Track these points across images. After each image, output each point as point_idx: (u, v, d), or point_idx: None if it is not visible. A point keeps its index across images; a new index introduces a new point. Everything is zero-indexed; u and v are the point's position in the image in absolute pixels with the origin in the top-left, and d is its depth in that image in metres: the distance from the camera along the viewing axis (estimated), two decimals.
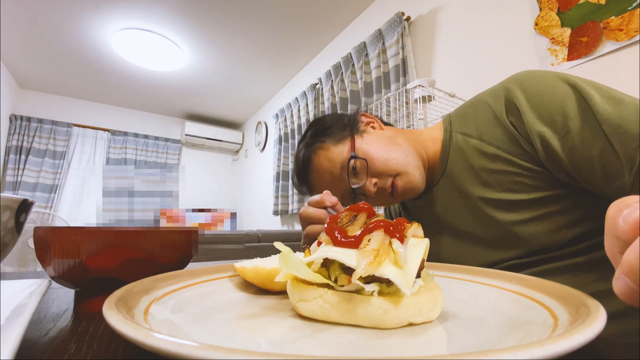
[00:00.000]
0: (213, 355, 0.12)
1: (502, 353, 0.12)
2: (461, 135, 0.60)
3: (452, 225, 0.61)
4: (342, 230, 0.25)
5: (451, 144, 0.61)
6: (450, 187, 0.61)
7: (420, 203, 0.69)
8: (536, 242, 0.50)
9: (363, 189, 0.60)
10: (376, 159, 0.59)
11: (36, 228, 0.33)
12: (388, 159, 0.59)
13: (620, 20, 1.10)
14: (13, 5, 2.28)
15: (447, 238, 0.63)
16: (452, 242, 0.62)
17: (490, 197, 0.54)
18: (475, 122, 0.57)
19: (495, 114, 0.54)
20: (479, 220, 0.56)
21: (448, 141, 0.62)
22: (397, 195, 0.60)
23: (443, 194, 0.63)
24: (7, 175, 3.43)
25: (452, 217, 0.61)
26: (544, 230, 0.49)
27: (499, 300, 0.26)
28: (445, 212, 0.63)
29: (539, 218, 0.50)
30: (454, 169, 0.60)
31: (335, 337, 0.21)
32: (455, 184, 0.60)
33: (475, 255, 0.58)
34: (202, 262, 0.55)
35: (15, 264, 1.60)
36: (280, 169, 3.24)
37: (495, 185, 0.54)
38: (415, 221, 0.27)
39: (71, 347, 0.20)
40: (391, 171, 0.59)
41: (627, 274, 0.16)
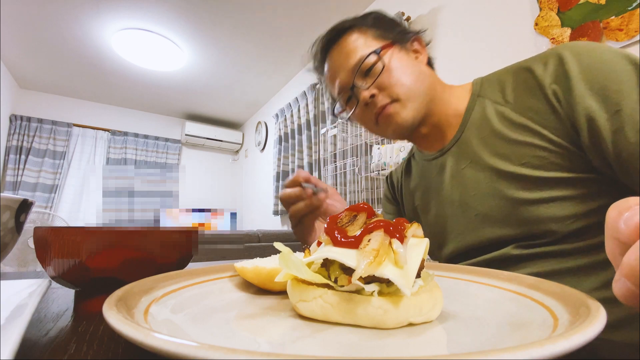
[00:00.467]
0: (213, 355, 0.12)
1: (502, 353, 0.12)
2: (490, 101, 0.56)
3: (455, 195, 0.59)
4: (342, 231, 0.25)
5: (474, 110, 0.58)
6: (461, 155, 0.58)
7: (426, 168, 0.67)
8: (541, 225, 0.48)
9: (359, 92, 0.59)
10: (392, 75, 0.57)
11: (36, 228, 0.33)
12: (401, 83, 0.57)
13: (620, 20, 1.10)
14: (13, 5, 2.28)
15: (447, 208, 0.61)
16: (450, 212, 0.60)
17: (504, 169, 0.51)
18: (511, 90, 0.53)
19: (538, 82, 0.49)
20: (485, 192, 0.53)
21: (472, 106, 0.58)
22: (381, 120, 0.59)
23: (452, 161, 0.60)
24: (7, 175, 3.43)
25: (457, 187, 0.58)
26: (553, 214, 0.46)
27: (499, 300, 0.26)
28: (450, 180, 0.60)
29: (552, 200, 0.47)
30: (470, 136, 0.57)
31: (335, 337, 0.21)
32: (468, 152, 0.57)
33: (473, 229, 0.56)
34: (202, 262, 0.55)
35: (15, 264, 1.60)
36: (280, 169, 3.24)
37: (513, 158, 0.50)
38: (414, 224, 0.27)
39: (71, 347, 0.20)
40: (394, 94, 0.57)
41: (627, 276, 0.16)
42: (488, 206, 0.53)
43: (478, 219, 0.55)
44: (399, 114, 0.58)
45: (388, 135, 0.63)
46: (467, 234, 0.57)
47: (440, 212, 0.62)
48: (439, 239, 0.63)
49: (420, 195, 0.69)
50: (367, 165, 1.97)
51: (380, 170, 1.80)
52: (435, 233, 0.64)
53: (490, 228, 0.53)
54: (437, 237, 0.63)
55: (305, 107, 2.95)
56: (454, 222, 0.59)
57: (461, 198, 0.57)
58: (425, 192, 0.67)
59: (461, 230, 0.58)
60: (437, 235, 0.63)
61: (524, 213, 0.48)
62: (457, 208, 0.58)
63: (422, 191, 0.68)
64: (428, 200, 0.66)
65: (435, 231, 0.64)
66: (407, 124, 0.59)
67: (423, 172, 0.68)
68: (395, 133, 0.61)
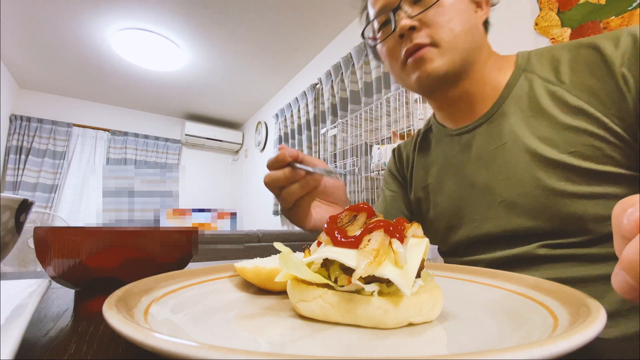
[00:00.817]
0: (213, 355, 0.12)
1: (502, 353, 0.12)
2: (538, 78, 0.49)
3: (479, 177, 0.53)
4: (342, 231, 0.25)
5: (517, 85, 0.51)
6: (494, 133, 0.52)
7: (446, 144, 0.60)
8: (577, 222, 0.43)
9: (399, 19, 0.51)
10: (444, 14, 0.50)
11: (36, 228, 0.33)
12: (450, 27, 0.50)
13: (620, 20, 1.10)
14: (13, 5, 2.28)
15: (466, 190, 0.55)
16: (469, 195, 0.54)
17: (546, 156, 0.45)
18: (567, 68, 0.47)
19: (605, 61, 0.43)
20: (517, 178, 0.48)
21: (515, 80, 0.52)
22: (411, 62, 0.51)
23: (482, 140, 0.53)
24: (7, 175, 3.43)
25: (483, 168, 0.52)
26: (595, 212, 0.42)
27: (499, 300, 0.26)
28: (476, 160, 0.54)
29: (597, 197, 0.42)
30: (509, 113, 0.51)
31: (335, 337, 0.21)
32: (504, 131, 0.50)
33: (495, 216, 0.50)
34: (202, 262, 0.55)
35: (15, 264, 1.60)
36: None
37: (561, 144, 0.44)
38: (414, 224, 0.27)
39: (71, 347, 0.20)
40: (437, 36, 0.50)
41: (625, 269, 0.16)
42: (518, 193, 0.48)
43: (502, 207, 0.49)
44: (434, 61, 0.50)
45: (410, 84, 0.54)
46: (485, 221, 0.52)
47: (456, 193, 0.56)
48: (450, 222, 0.58)
49: (435, 172, 0.62)
50: (367, 165, 1.97)
51: (380, 170, 1.80)
52: (447, 215, 0.58)
53: (516, 218, 0.48)
54: (448, 219, 0.58)
55: (305, 107, 2.95)
56: (472, 206, 0.54)
57: (486, 181, 0.52)
58: (441, 170, 0.60)
59: (479, 216, 0.52)
60: (448, 218, 0.58)
61: (560, 207, 0.44)
62: (478, 191, 0.53)
63: (439, 168, 0.61)
64: (444, 179, 0.59)
65: (446, 213, 0.58)
66: (438, 76, 0.51)
67: (442, 148, 0.61)
68: (420, 83, 0.53)
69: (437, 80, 0.51)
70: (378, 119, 1.89)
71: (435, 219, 0.61)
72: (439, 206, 0.60)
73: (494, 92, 0.53)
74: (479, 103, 0.55)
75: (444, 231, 0.59)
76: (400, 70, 0.54)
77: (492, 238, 0.51)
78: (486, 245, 0.52)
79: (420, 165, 0.66)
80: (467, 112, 0.56)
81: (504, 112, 0.52)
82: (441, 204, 0.59)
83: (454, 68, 0.51)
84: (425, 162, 0.65)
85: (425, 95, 0.59)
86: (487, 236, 0.52)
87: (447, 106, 0.58)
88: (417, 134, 0.71)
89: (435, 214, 0.61)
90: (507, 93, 0.52)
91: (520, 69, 0.52)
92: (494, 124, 0.52)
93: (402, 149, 0.74)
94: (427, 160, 0.65)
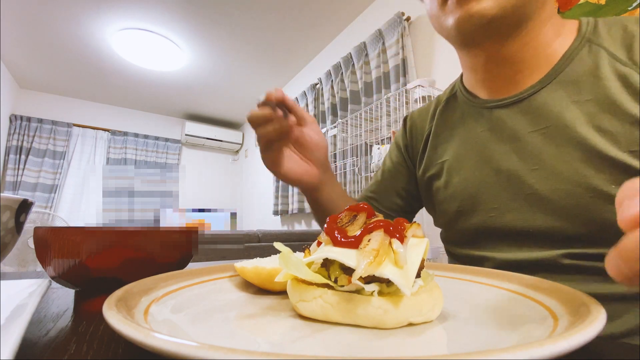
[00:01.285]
0: (213, 355, 0.12)
1: (502, 353, 0.12)
2: (606, 53, 0.40)
3: (506, 163, 0.45)
4: (342, 230, 0.25)
5: (578, 57, 0.42)
6: (536, 113, 0.44)
7: (471, 116, 0.51)
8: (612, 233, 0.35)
9: None
10: None
11: (36, 228, 0.33)
12: None
13: None
14: (13, 5, 2.28)
15: (488, 174, 0.47)
16: (491, 181, 0.47)
17: (602, 151, 0.38)
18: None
19: None
20: (555, 171, 0.41)
21: (575, 51, 0.43)
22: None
23: (518, 119, 0.45)
24: (7, 175, 3.43)
25: (514, 153, 0.45)
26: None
27: (499, 300, 0.26)
28: (507, 142, 0.46)
29: None
30: (560, 91, 0.42)
31: (335, 337, 0.21)
32: (550, 112, 0.42)
33: (518, 209, 0.44)
34: (202, 262, 0.55)
35: (15, 264, 1.60)
36: None
37: (622, 140, 0.37)
38: (414, 224, 0.27)
39: (71, 347, 0.20)
40: None
41: (620, 257, 0.16)
42: (552, 188, 0.41)
43: (529, 200, 0.43)
44: (482, 0, 0.40)
45: (447, 28, 0.45)
46: (505, 212, 0.45)
47: (476, 176, 0.49)
48: (462, 206, 0.51)
49: (455, 148, 0.53)
50: (367, 165, 1.97)
51: None
52: (460, 198, 0.51)
53: (543, 215, 0.42)
54: (460, 203, 0.51)
55: (306, 107, 2.95)
56: (492, 193, 0.47)
57: (515, 168, 0.44)
58: (463, 146, 0.52)
59: (499, 206, 0.46)
60: (460, 202, 0.51)
61: (602, 212, 0.37)
62: (503, 178, 0.46)
63: (460, 145, 0.52)
64: (464, 158, 0.51)
65: (460, 196, 0.51)
66: (483, 19, 0.41)
67: (467, 122, 0.52)
68: (459, 27, 0.43)
69: (481, 27, 0.41)
70: (378, 119, 1.89)
71: (446, 201, 0.54)
72: (452, 187, 0.52)
73: (547, 62, 0.44)
74: (525, 72, 0.45)
75: (453, 215, 0.52)
76: (439, 9, 0.45)
77: (509, 233, 0.45)
78: (499, 240, 0.46)
79: (438, 138, 0.57)
80: (507, 81, 0.47)
81: (554, 89, 0.43)
82: (456, 185, 0.52)
83: (506, 14, 0.41)
84: (444, 135, 0.56)
85: (462, 47, 0.49)
86: (503, 230, 0.46)
87: (484, 68, 0.48)
88: (437, 102, 0.61)
89: (446, 195, 0.53)
90: (564, 65, 0.43)
91: (584, 38, 0.43)
92: (537, 101, 0.44)
93: (415, 119, 0.64)
94: (447, 133, 0.55)
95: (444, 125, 0.57)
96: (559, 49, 0.44)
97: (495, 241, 0.47)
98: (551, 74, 0.44)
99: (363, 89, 2.19)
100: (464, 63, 0.52)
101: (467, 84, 0.54)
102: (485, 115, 0.49)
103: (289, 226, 3.26)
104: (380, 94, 2.00)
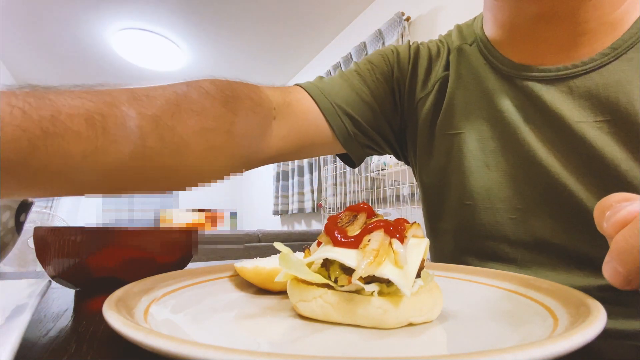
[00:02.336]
0: (213, 355, 0.12)
1: (502, 353, 0.12)
2: None
3: (544, 158, 0.35)
4: (342, 230, 0.25)
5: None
6: (594, 99, 0.33)
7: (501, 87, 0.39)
8: None
9: None
10: None
11: (36, 228, 0.33)
12: None
13: None
14: (13, 5, 2.28)
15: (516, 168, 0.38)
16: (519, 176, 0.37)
17: None
18: None
19: None
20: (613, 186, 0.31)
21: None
22: None
23: (568, 104, 0.34)
24: None
25: (555, 148, 0.35)
26: None
27: (499, 300, 0.26)
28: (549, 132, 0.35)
29: None
30: (630, 72, 0.32)
31: (335, 337, 0.21)
32: (615, 100, 0.32)
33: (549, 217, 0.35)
34: (202, 262, 0.55)
35: (15, 264, 1.60)
36: (280, 169, 3.24)
37: None
38: (414, 224, 0.27)
39: (71, 347, 0.20)
40: None
41: (613, 257, 0.16)
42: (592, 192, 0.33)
43: (567, 210, 0.35)
44: None
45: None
46: (532, 217, 0.36)
47: (500, 164, 0.39)
48: (471, 198, 0.41)
49: (472, 121, 0.41)
50: (367, 165, 1.97)
51: (380, 170, 1.80)
52: (472, 189, 0.40)
53: (581, 233, 0.34)
54: (470, 194, 0.41)
55: None
56: (518, 190, 0.37)
57: (553, 167, 0.35)
58: (483, 121, 0.40)
59: (524, 208, 0.37)
60: (470, 193, 0.41)
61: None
62: (535, 175, 0.36)
63: (479, 117, 0.41)
64: (483, 137, 0.40)
65: (473, 186, 0.40)
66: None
67: (491, 89, 0.40)
68: None
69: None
70: None
71: (449, 186, 0.43)
72: (462, 172, 0.41)
73: (614, 28, 0.33)
74: (586, 38, 0.34)
75: (457, 206, 0.42)
76: None
77: (528, 243, 0.37)
78: (515, 249, 0.37)
79: (453, 96, 0.43)
80: (559, 47, 0.36)
81: (621, 69, 0.32)
82: (470, 172, 0.41)
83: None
84: (460, 97, 0.42)
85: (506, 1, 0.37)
86: (526, 238, 0.37)
87: (527, 28, 0.37)
88: (440, 45, 0.47)
89: (454, 180, 0.43)
90: (637, 36, 0.32)
91: None
92: (596, 82, 0.33)
93: (426, 51, 0.47)
94: (463, 95, 0.42)
95: (460, 83, 0.43)
96: (630, 14, 0.33)
97: (506, 249, 0.38)
98: (620, 45, 0.32)
99: None
100: (500, 17, 0.39)
101: (494, 38, 0.41)
102: (519, 86, 0.37)
103: (289, 226, 3.26)
104: None
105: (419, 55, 0.47)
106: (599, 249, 0.26)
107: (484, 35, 0.42)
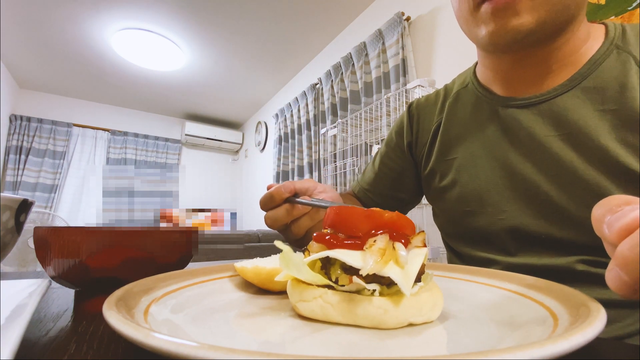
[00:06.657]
0: (213, 355, 0.12)
1: (502, 353, 0.12)
2: (634, 62, 0.39)
3: (522, 168, 0.44)
4: (337, 237, 0.25)
5: (604, 64, 0.40)
6: (555, 118, 0.42)
7: (485, 113, 0.49)
8: None
9: None
10: None
11: (36, 228, 0.33)
12: None
13: (620, 21, 1.10)
14: (13, 5, 2.28)
15: (500, 177, 0.46)
16: (503, 184, 0.45)
17: (628, 166, 0.36)
18: None
19: None
20: (573, 181, 0.39)
21: (603, 56, 0.41)
22: (493, 10, 0.39)
23: (537, 123, 0.43)
24: (7, 175, 3.43)
25: (529, 157, 0.43)
26: None
27: (499, 300, 0.26)
28: (523, 146, 0.44)
29: None
30: (584, 97, 0.40)
31: (335, 337, 0.21)
32: (572, 118, 0.40)
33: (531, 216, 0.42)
34: (202, 262, 0.55)
35: (15, 264, 1.60)
36: (281, 169, 3.23)
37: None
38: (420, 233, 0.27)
39: (71, 347, 0.20)
40: None
41: (619, 266, 0.16)
42: (569, 198, 0.40)
43: (543, 207, 0.42)
44: (521, 15, 0.38)
45: (477, 36, 0.43)
46: (516, 216, 0.44)
47: (485, 176, 0.47)
48: (469, 206, 0.49)
49: (466, 146, 0.51)
50: None
51: None
52: (469, 199, 0.49)
53: (557, 223, 0.41)
54: (468, 203, 0.49)
55: (305, 107, 2.94)
56: (504, 195, 0.45)
57: (529, 173, 0.43)
58: (475, 145, 0.50)
59: (509, 209, 0.45)
60: (468, 202, 0.49)
61: None
62: (516, 182, 0.44)
63: (472, 142, 0.50)
64: (476, 157, 0.49)
65: (469, 197, 0.49)
66: (519, 35, 0.39)
67: (480, 119, 0.50)
68: (493, 40, 0.41)
69: (516, 41, 0.40)
70: (378, 119, 1.89)
71: (453, 199, 0.52)
72: (461, 186, 0.50)
73: (572, 65, 0.42)
74: (551, 74, 0.43)
75: (460, 214, 0.51)
76: (470, 14, 0.42)
77: (518, 237, 0.44)
78: (507, 243, 0.45)
79: (448, 133, 0.54)
80: (529, 82, 0.45)
81: (577, 95, 0.41)
82: (465, 185, 0.50)
83: (543, 28, 0.39)
84: (455, 130, 0.53)
85: (488, 53, 0.47)
86: (512, 233, 0.44)
87: (506, 71, 0.46)
88: (445, 92, 0.58)
89: (454, 194, 0.52)
90: (590, 70, 0.41)
91: (612, 44, 0.41)
92: (559, 105, 0.42)
93: (421, 108, 0.60)
94: (457, 129, 0.53)
95: (454, 119, 0.53)
96: (586, 53, 0.42)
97: (502, 244, 0.46)
98: (576, 78, 0.42)
99: (363, 89, 2.19)
100: (485, 63, 0.50)
101: (482, 79, 0.52)
102: (500, 113, 0.47)
103: None
104: (380, 93, 2.00)
105: (418, 116, 0.60)
106: (566, 234, 0.40)
107: (476, 78, 0.54)
